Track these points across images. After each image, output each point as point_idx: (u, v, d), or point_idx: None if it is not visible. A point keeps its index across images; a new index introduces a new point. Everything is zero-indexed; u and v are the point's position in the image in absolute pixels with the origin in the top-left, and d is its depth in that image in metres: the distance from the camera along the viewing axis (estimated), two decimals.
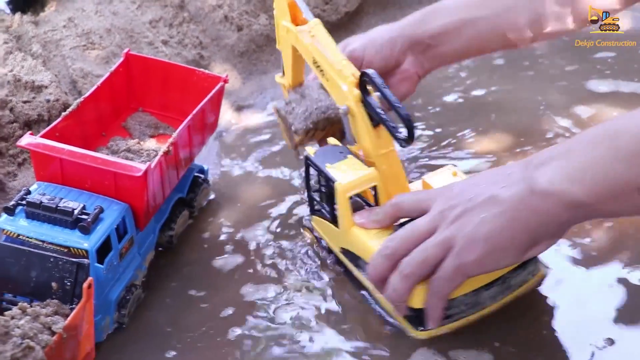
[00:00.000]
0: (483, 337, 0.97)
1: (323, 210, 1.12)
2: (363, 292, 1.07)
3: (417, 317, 0.95)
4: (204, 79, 1.29)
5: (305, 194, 1.19)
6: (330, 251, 1.15)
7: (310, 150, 1.11)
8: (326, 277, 1.13)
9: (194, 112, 1.19)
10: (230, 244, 1.25)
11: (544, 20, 1.17)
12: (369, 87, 1.03)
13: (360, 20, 1.91)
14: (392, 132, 1.02)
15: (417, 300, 0.93)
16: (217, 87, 1.25)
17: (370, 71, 1.01)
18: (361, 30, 1.90)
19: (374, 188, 1.05)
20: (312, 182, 1.14)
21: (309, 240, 1.20)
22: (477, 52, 1.27)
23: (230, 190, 1.39)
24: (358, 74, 1.03)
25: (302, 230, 1.23)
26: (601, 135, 0.82)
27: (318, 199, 1.13)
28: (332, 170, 1.06)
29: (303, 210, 1.27)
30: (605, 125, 0.84)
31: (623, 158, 0.77)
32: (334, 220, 1.08)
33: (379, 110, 1.02)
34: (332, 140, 1.15)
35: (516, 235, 0.84)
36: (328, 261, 1.15)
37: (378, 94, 1.02)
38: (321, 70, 1.09)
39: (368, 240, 1.01)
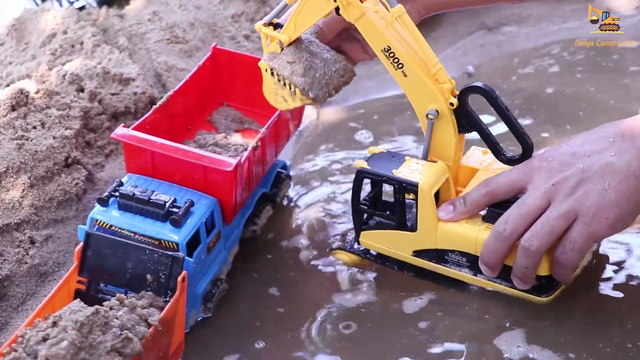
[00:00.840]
0: None
1: (384, 221, 1.10)
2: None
3: (539, 285, 1.00)
4: None
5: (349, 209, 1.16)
6: (389, 261, 1.13)
7: (361, 162, 1.09)
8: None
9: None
10: (309, 239, 1.25)
11: None
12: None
13: (442, 16, 1.88)
14: (499, 149, 1.04)
15: (544, 268, 0.97)
16: None
17: (483, 85, 1.00)
18: (442, 27, 1.89)
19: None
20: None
21: (344, 262, 1.18)
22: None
23: (310, 186, 1.39)
24: (453, 82, 1.02)
25: (333, 256, 1.20)
26: None
27: (376, 210, 1.11)
28: (402, 174, 1.05)
29: None
30: None
31: None
32: (403, 225, 1.07)
33: (481, 125, 1.03)
34: (374, 149, 1.12)
35: None
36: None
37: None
38: (396, 62, 1.02)
39: (465, 231, 1.02)
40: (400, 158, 1.08)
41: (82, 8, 1.85)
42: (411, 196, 1.05)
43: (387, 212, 1.09)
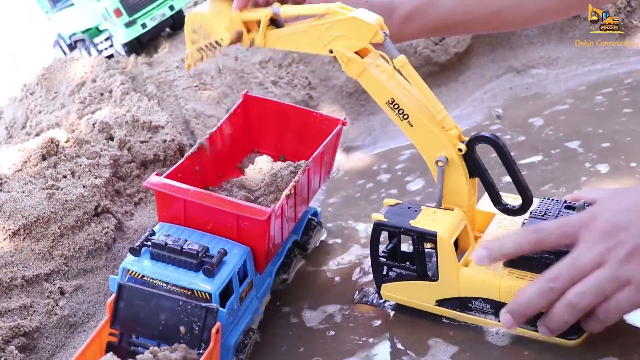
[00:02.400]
0: None
1: (404, 272, 1.08)
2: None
3: (568, 329, 0.96)
4: (322, 121, 1.28)
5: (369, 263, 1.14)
6: (417, 311, 1.10)
7: (378, 216, 1.07)
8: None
9: (314, 154, 1.17)
10: (340, 288, 1.22)
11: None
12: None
13: (470, 60, 1.88)
14: (499, 199, 1.04)
15: None
16: (336, 130, 1.23)
17: (491, 135, 1.00)
18: (470, 70, 1.88)
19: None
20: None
21: (372, 313, 1.15)
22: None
23: (341, 232, 1.37)
24: (459, 127, 1.02)
25: (355, 308, 1.16)
26: None
27: (394, 262, 1.09)
28: (420, 225, 1.03)
29: None
30: None
31: None
32: (424, 275, 1.05)
33: (486, 173, 1.03)
34: (390, 201, 1.10)
35: None
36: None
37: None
38: (401, 113, 1.02)
39: (487, 277, 1.00)
40: (416, 208, 1.07)
41: (110, 57, 1.87)
42: (430, 245, 1.04)
43: (407, 263, 1.07)
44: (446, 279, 1.03)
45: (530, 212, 1.02)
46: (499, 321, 1.00)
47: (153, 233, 1.07)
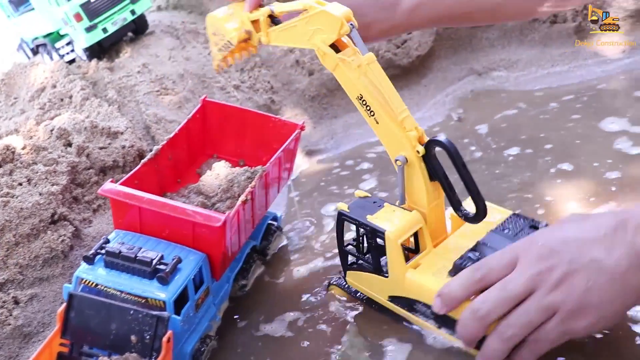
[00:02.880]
0: None
1: (363, 263, 1.10)
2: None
3: None
4: (281, 126, 1.28)
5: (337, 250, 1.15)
6: (370, 302, 1.12)
7: (342, 205, 1.09)
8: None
9: (272, 160, 1.17)
10: (301, 293, 1.22)
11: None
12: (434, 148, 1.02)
13: (432, 63, 1.89)
14: (458, 206, 1.04)
15: None
16: (294, 135, 1.23)
17: (444, 139, 1.00)
18: (432, 73, 1.89)
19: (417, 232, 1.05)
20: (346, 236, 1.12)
21: (341, 297, 1.16)
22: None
23: (302, 237, 1.37)
24: (420, 129, 1.02)
25: (329, 291, 1.18)
26: None
27: (356, 252, 1.11)
28: (375, 220, 1.04)
29: None
30: None
31: None
32: (378, 270, 1.07)
33: (443, 177, 1.03)
34: (360, 193, 1.12)
35: (627, 301, 0.84)
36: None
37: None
38: (368, 109, 1.04)
39: (427, 283, 1.00)
40: (380, 204, 1.08)
41: (72, 61, 1.85)
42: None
43: (367, 256, 1.09)
44: (394, 277, 1.05)
45: (494, 228, 1.03)
46: (438, 327, 1.01)
47: (107, 241, 1.06)
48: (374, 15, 1.15)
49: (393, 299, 1.07)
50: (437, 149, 1.01)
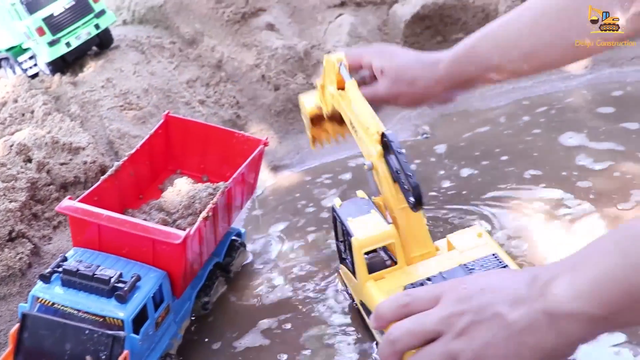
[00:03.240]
0: None
1: (347, 261, 1.12)
2: None
3: None
4: (244, 142, 1.27)
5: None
6: (352, 298, 1.14)
7: (337, 201, 1.12)
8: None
9: (234, 176, 1.16)
10: (265, 310, 1.21)
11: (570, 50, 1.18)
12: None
13: None
14: (405, 194, 1.04)
15: None
16: (257, 150, 1.23)
17: (388, 132, 1.03)
18: None
19: (387, 246, 1.07)
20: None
21: (340, 286, 1.19)
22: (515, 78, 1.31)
23: (267, 252, 1.36)
24: (382, 131, 1.05)
25: (337, 275, 1.22)
26: (610, 243, 0.76)
27: (343, 249, 1.13)
28: (352, 224, 1.06)
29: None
30: (615, 233, 0.78)
31: (636, 264, 0.72)
32: (353, 272, 1.08)
33: (395, 171, 1.04)
34: (360, 193, 1.15)
35: None
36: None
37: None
38: (354, 129, 1.11)
39: (378, 299, 1.01)
40: (368, 209, 1.09)
41: (35, 76, 1.82)
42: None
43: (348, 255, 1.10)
44: (360, 283, 1.06)
45: (466, 262, 1.04)
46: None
47: (65, 259, 1.04)
48: (418, 72, 1.20)
49: (361, 302, 1.09)
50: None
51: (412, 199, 1.02)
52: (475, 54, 1.22)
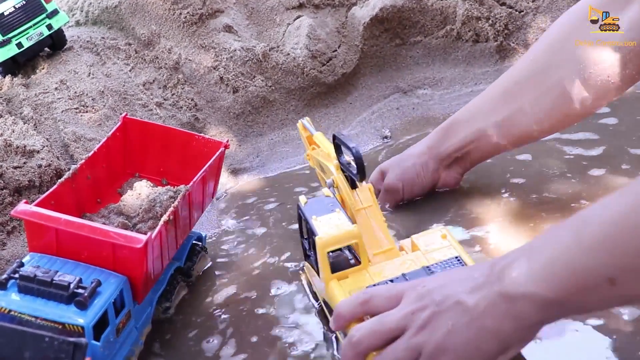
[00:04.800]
0: None
1: (311, 258, 1.11)
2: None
3: None
4: (204, 144, 1.25)
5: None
6: (316, 297, 1.14)
7: (303, 199, 1.11)
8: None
9: (195, 179, 1.14)
10: (226, 314, 1.19)
11: (546, 118, 1.24)
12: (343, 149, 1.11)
13: (357, 81, 1.90)
14: (346, 169, 1.10)
15: None
16: (217, 153, 1.21)
17: (337, 133, 1.10)
18: (357, 91, 1.90)
19: (351, 246, 1.06)
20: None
21: (304, 282, 1.18)
22: (504, 149, 1.33)
23: (227, 256, 1.34)
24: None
25: (300, 272, 1.21)
26: (565, 228, 0.79)
27: (307, 246, 1.12)
28: (316, 222, 1.05)
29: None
30: (569, 219, 0.80)
31: (588, 248, 0.74)
32: (317, 270, 1.07)
33: (346, 163, 1.11)
34: (326, 191, 1.14)
35: (483, 345, 0.81)
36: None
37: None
38: (322, 170, 1.19)
39: (339, 297, 0.99)
40: (333, 208, 1.08)
41: None
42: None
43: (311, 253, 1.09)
44: (323, 282, 1.05)
45: (429, 265, 1.03)
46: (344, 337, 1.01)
47: (22, 264, 1.01)
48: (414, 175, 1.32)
49: (324, 301, 1.08)
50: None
51: (354, 171, 1.06)
52: (475, 151, 1.29)
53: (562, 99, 1.22)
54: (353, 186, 1.11)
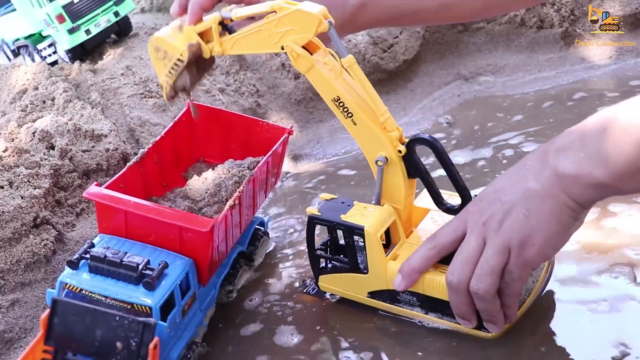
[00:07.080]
0: None
1: (338, 264, 1.11)
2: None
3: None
4: (268, 130, 1.27)
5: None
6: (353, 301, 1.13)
7: (312, 210, 1.10)
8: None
9: (260, 164, 1.15)
10: (288, 300, 1.20)
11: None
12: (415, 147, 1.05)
13: (418, 67, 1.89)
14: (438, 198, 1.06)
15: None
16: (281, 139, 1.22)
17: (429, 137, 1.03)
18: (418, 78, 1.89)
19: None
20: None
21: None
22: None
23: (288, 241, 1.35)
24: (400, 129, 1.04)
25: (312, 293, 1.18)
26: (614, 121, 0.83)
27: (329, 255, 1.12)
28: (350, 219, 1.06)
29: None
30: (614, 111, 0.85)
31: (636, 143, 0.80)
32: (356, 268, 1.08)
33: (426, 174, 1.05)
34: (325, 195, 1.13)
35: (562, 217, 0.87)
36: None
37: None
38: (346, 111, 1.03)
39: None
40: (349, 203, 1.10)
41: (54, 63, 1.82)
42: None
43: (342, 256, 1.10)
44: (375, 272, 1.06)
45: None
46: (424, 312, 1.04)
47: (92, 245, 1.04)
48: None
49: (373, 294, 1.08)
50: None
51: (452, 205, 1.05)
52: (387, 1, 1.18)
53: None
54: None
